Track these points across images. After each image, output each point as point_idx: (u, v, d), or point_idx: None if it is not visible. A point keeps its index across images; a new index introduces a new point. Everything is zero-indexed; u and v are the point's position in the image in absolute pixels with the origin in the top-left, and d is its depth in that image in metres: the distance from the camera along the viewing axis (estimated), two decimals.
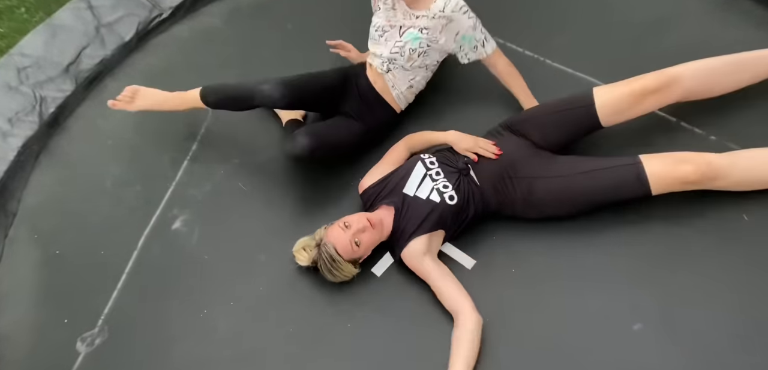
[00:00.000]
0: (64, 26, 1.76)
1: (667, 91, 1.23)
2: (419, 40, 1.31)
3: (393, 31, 1.33)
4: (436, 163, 1.26)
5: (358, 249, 1.19)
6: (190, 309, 1.28)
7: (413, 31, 1.31)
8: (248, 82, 1.36)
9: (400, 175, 1.26)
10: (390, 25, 1.33)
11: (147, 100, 1.45)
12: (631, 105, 1.23)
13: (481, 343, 1.12)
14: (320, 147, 1.30)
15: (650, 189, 1.15)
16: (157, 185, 1.48)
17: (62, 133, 1.63)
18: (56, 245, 1.41)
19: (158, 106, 1.46)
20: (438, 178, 1.23)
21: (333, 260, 1.18)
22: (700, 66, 1.25)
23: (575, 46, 1.52)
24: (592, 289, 1.17)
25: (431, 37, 1.31)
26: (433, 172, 1.24)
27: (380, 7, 1.36)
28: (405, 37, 1.32)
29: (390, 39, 1.34)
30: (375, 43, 1.38)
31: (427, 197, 1.22)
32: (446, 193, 1.21)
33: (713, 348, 1.07)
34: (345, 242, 1.17)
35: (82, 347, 1.25)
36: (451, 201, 1.21)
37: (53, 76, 1.68)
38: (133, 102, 1.45)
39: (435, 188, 1.22)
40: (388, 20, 1.34)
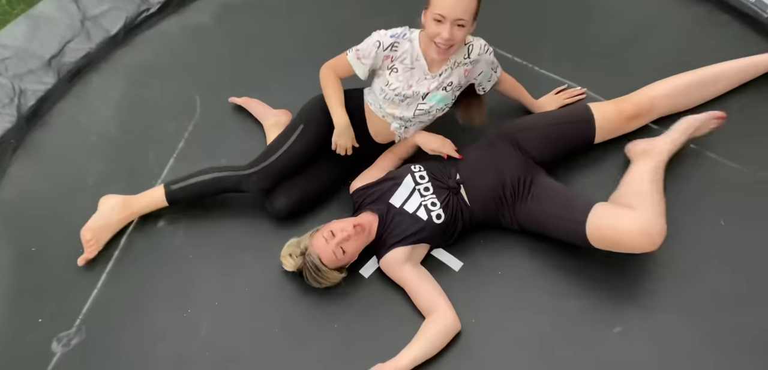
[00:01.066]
0: (48, 18, 1.72)
1: (646, 114, 1.35)
2: (446, 100, 1.24)
3: (414, 97, 1.22)
4: (426, 178, 1.24)
5: (344, 256, 1.18)
6: (172, 309, 1.25)
7: (437, 94, 1.22)
8: (226, 177, 1.28)
9: (389, 185, 1.26)
10: (411, 91, 1.21)
11: (108, 230, 1.28)
12: (620, 125, 1.33)
13: (468, 347, 1.13)
14: (300, 203, 1.29)
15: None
16: (142, 182, 1.45)
17: (42, 127, 1.59)
18: (32, 242, 1.37)
19: (125, 221, 1.30)
20: (426, 195, 1.22)
21: (318, 269, 1.18)
22: (672, 87, 1.36)
23: (561, 53, 1.56)
24: (574, 292, 1.19)
25: (456, 86, 1.24)
26: (423, 187, 1.23)
27: (397, 69, 1.20)
28: (429, 100, 1.22)
29: (412, 104, 1.23)
30: (391, 105, 1.25)
31: (414, 212, 1.21)
32: (434, 211, 1.20)
33: (691, 348, 1.10)
34: (329, 252, 1.17)
35: (57, 347, 1.21)
36: (437, 220, 1.20)
37: (34, 68, 1.63)
38: (97, 242, 1.27)
39: (423, 203, 1.21)
40: (408, 84, 1.21)
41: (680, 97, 1.35)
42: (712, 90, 1.37)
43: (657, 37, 1.55)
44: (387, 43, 1.20)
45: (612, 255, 1.22)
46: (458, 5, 1.11)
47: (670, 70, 1.40)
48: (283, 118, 1.49)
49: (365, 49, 1.22)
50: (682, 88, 1.35)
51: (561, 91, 1.45)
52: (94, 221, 1.29)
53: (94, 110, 1.62)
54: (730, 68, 1.37)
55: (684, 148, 1.32)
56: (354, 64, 1.24)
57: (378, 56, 1.21)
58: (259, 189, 1.29)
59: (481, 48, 1.24)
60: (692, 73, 1.36)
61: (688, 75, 1.36)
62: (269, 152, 1.30)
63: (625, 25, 1.59)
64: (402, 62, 1.21)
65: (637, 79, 1.39)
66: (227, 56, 1.69)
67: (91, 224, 1.28)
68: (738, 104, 1.38)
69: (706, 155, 1.33)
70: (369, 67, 1.23)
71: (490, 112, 1.39)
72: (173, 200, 1.30)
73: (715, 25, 1.55)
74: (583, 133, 1.28)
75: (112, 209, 1.29)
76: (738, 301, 1.14)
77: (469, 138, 1.35)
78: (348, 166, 1.33)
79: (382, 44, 1.21)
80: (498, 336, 1.15)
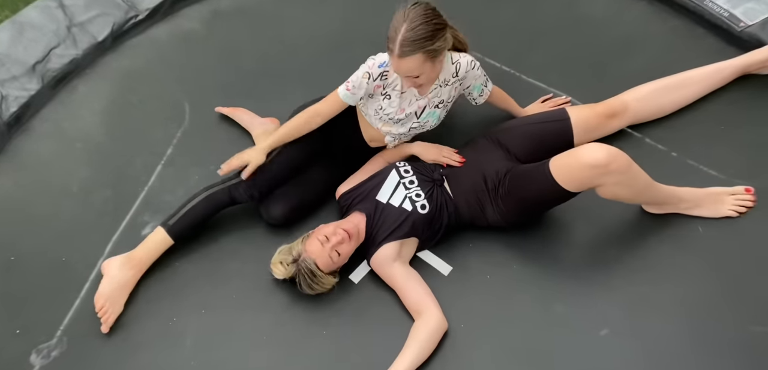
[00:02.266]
0: (32, 24, 1.70)
1: (621, 116, 1.40)
2: (439, 115, 1.27)
3: (409, 116, 1.25)
4: (410, 172, 1.27)
5: (339, 259, 1.18)
6: (158, 317, 1.23)
7: (430, 111, 1.25)
8: (217, 192, 1.26)
9: (375, 183, 1.27)
10: (405, 113, 1.25)
11: (124, 290, 1.21)
12: (597, 124, 1.37)
13: (457, 351, 1.14)
14: (296, 210, 1.30)
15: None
16: (128, 189, 1.43)
17: (24, 133, 1.56)
18: (12, 251, 1.33)
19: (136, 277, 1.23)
20: (411, 187, 1.24)
21: (313, 274, 1.17)
22: (645, 91, 1.42)
23: (548, 62, 1.60)
24: (561, 296, 1.21)
25: (448, 101, 1.27)
26: (407, 180, 1.25)
27: (390, 96, 1.22)
28: (423, 117, 1.26)
29: (406, 123, 1.26)
30: (386, 124, 1.27)
31: (400, 204, 1.22)
32: (418, 202, 1.22)
33: (675, 350, 1.12)
34: (325, 256, 1.16)
35: (36, 359, 1.18)
36: (422, 210, 1.22)
37: (17, 74, 1.61)
38: (113, 306, 1.20)
39: (408, 196, 1.23)
40: (401, 108, 1.24)
41: (652, 99, 1.40)
42: (683, 93, 1.43)
43: (639, 49, 1.60)
44: (376, 74, 1.21)
45: (598, 256, 1.24)
46: (401, 67, 1.12)
47: (648, 78, 1.44)
48: (271, 126, 1.49)
49: (356, 81, 1.22)
50: (653, 91, 1.41)
51: (547, 99, 1.49)
52: (105, 286, 1.21)
53: (79, 117, 1.59)
54: (699, 74, 1.44)
55: (663, 155, 1.36)
56: (346, 98, 1.24)
57: (369, 87, 1.22)
58: (249, 198, 1.28)
59: (467, 65, 1.25)
60: (664, 79, 1.43)
61: (660, 81, 1.43)
62: None
63: (609, 36, 1.64)
64: (394, 89, 1.23)
65: (619, 88, 1.44)
66: (216, 63, 1.69)
67: (102, 291, 1.21)
68: (717, 113, 1.43)
69: (687, 162, 1.37)
70: (361, 96, 1.24)
71: (478, 119, 1.42)
72: (177, 234, 1.25)
73: (692, 37, 1.61)
74: (561, 131, 1.31)
75: (120, 267, 1.22)
76: (719, 305, 1.16)
77: (455, 142, 1.37)
78: (342, 171, 1.33)
79: (371, 76, 1.21)
80: (486, 341, 1.16)
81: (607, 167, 1.09)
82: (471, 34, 1.29)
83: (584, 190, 1.15)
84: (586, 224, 1.28)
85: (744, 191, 1.25)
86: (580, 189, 1.14)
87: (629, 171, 1.12)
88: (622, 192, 1.16)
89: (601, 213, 1.28)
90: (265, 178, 1.27)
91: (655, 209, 1.27)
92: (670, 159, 1.37)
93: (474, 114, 1.42)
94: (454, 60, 1.24)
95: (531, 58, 1.61)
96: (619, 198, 1.17)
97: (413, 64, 1.12)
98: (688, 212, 1.26)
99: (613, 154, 1.10)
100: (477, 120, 1.43)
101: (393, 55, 1.12)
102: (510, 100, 1.42)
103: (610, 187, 1.13)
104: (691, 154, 1.37)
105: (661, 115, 1.42)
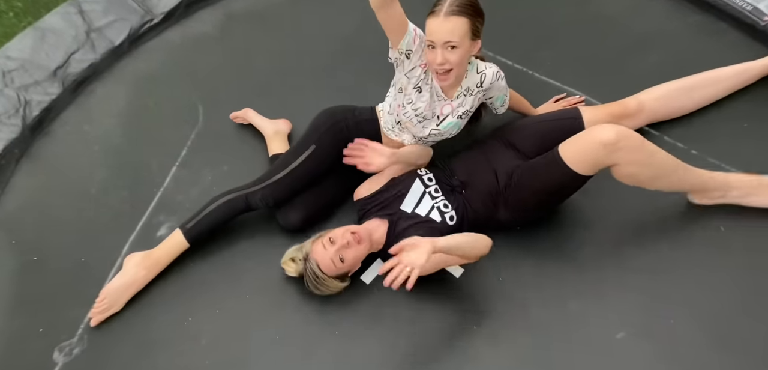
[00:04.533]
0: (54, 30, 1.75)
1: (636, 116, 1.36)
2: (459, 125, 1.25)
3: (432, 118, 1.23)
4: (434, 181, 1.25)
5: (343, 265, 1.17)
6: (174, 317, 1.25)
7: (451, 120, 1.23)
8: (234, 198, 1.26)
9: (397, 190, 1.25)
10: (431, 113, 1.22)
11: (132, 288, 1.23)
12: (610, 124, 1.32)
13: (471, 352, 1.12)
14: (313, 218, 1.30)
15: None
16: (144, 190, 1.46)
17: (46, 137, 1.60)
18: (34, 252, 1.37)
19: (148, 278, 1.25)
20: (437, 196, 1.22)
21: (316, 276, 1.17)
22: (663, 90, 1.37)
23: (561, 60, 1.57)
24: (576, 298, 1.19)
25: (470, 112, 1.25)
26: (433, 188, 1.23)
27: (422, 89, 1.18)
28: (443, 126, 1.23)
29: (427, 125, 1.24)
30: (408, 126, 1.25)
31: (427, 214, 1.21)
32: (447, 213, 1.20)
33: (695, 354, 1.09)
34: (328, 260, 1.16)
35: (59, 356, 1.21)
36: (451, 221, 1.20)
37: (40, 79, 1.65)
38: (110, 302, 1.22)
39: (435, 206, 1.21)
40: (430, 106, 1.21)
41: (671, 99, 1.35)
42: (703, 94, 1.37)
43: (656, 46, 1.56)
44: (421, 41, 1.15)
45: (613, 254, 1.21)
46: (444, 26, 1.08)
47: (668, 76, 1.40)
48: (283, 127, 1.50)
49: (421, 36, 1.13)
50: (673, 92, 1.35)
51: (560, 99, 1.46)
52: (115, 280, 1.24)
53: (97, 120, 1.63)
54: (722, 74, 1.38)
55: (683, 153, 1.32)
56: (411, 29, 1.12)
57: (419, 50, 1.14)
58: (265, 206, 1.29)
59: (493, 76, 1.23)
60: (684, 79, 1.37)
61: (680, 80, 1.37)
62: (277, 169, 1.30)
63: (624, 33, 1.60)
64: (426, 83, 1.20)
65: (635, 86, 1.40)
66: (230, 66, 1.71)
67: (111, 284, 1.23)
68: (739, 109, 1.39)
69: (707, 160, 1.33)
70: (409, 50, 1.14)
71: (488, 120, 1.40)
72: (193, 238, 1.26)
73: (713, 33, 1.56)
74: (572, 130, 1.27)
75: (136, 265, 1.25)
76: (738, 306, 1.13)
77: (465, 142, 1.35)
78: (359, 180, 1.32)
79: (422, 40, 1.14)
80: (500, 342, 1.15)
81: (617, 144, 1.06)
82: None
83: (596, 171, 1.11)
84: (600, 223, 1.26)
85: None
86: (592, 171, 1.11)
87: (642, 150, 1.08)
88: (640, 173, 1.11)
89: (616, 211, 1.25)
90: (281, 187, 1.28)
91: (701, 198, 1.20)
92: (690, 157, 1.33)
93: (485, 115, 1.40)
94: (480, 70, 1.22)
95: (543, 55, 1.58)
96: (639, 181, 1.12)
97: (458, 25, 1.08)
98: (739, 201, 1.17)
99: (624, 132, 1.07)
100: (488, 120, 1.40)
101: (439, 16, 1.08)
102: (523, 101, 1.40)
103: (625, 166, 1.09)
104: (713, 152, 1.33)
105: (680, 114, 1.38)
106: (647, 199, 1.25)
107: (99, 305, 1.23)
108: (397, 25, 1.12)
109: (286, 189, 1.28)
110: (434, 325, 1.18)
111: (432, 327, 1.18)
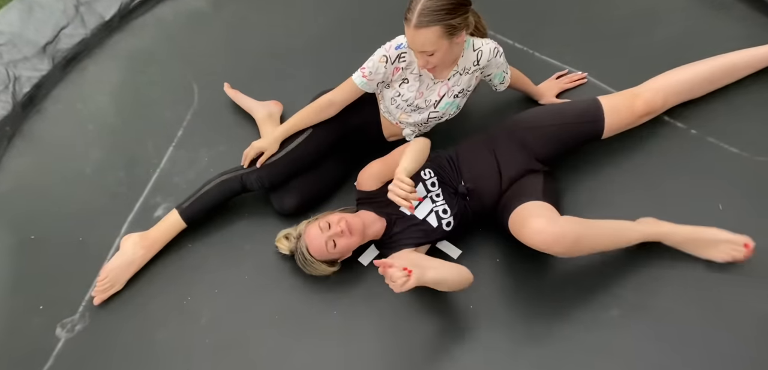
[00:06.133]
0: (42, 4, 1.70)
1: (658, 110, 1.31)
2: (457, 104, 1.21)
3: (427, 105, 1.21)
4: (436, 185, 1.21)
5: (334, 251, 1.17)
6: (173, 296, 1.26)
7: (448, 100, 1.20)
8: (230, 179, 1.25)
9: None
10: (424, 101, 1.20)
11: (130, 268, 1.24)
12: (630, 122, 1.29)
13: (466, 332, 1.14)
14: (309, 203, 1.29)
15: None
16: (140, 171, 1.45)
17: (38, 115, 1.58)
18: (32, 231, 1.37)
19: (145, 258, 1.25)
20: (438, 201, 1.19)
21: (304, 257, 1.18)
22: (684, 81, 1.31)
23: (563, 38, 1.53)
24: (573, 277, 1.20)
25: (467, 90, 1.21)
26: (434, 193, 1.20)
27: (408, 80, 1.17)
28: (441, 107, 1.20)
29: (424, 111, 1.22)
30: (404, 114, 1.24)
31: (424, 217, 1.19)
32: (445, 219, 1.18)
33: (690, 331, 1.11)
34: (320, 244, 1.15)
35: (61, 333, 1.23)
36: (447, 227, 1.18)
37: (29, 55, 1.62)
38: (112, 281, 1.23)
39: (434, 210, 1.19)
40: (419, 92, 1.19)
41: (692, 91, 1.32)
42: (723, 82, 1.34)
43: (660, 20, 1.51)
44: (394, 56, 1.16)
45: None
46: (416, 38, 1.06)
47: (675, 54, 1.37)
48: (274, 109, 1.47)
49: (372, 66, 1.17)
50: (695, 82, 1.31)
51: (561, 75, 1.43)
52: (114, 260, 1.25)
53: (90, 98, 1.61)
54: (740, 62, 1.33)
55: (683, 133, 1.30)
56: (363, 85, 1.19)
57: (387, 71, 1.17)
58: (260, 187, 1.29)
59: (490, 53, 1.18)
60: (704, 65, 1.32)
61: (701, 66, 1.31)
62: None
63: (627, 8, 1.55)
64: (412, 72, 1.18)
65: (639, 64, 1.37)
66: (224, 43, 1.67)
67: (110, 264, 1.24)
68: (742, 88, 1.36)
69: (706, 140, 1.32)
70: (378, 81, 1.19)
71: (494, 104, 1.37)
72: (190, 218, 1.27)
73: (720, 7, 1.50)
74: (591, 132, 1.24)
75: (134, 245, 1.25)
76: (735, 284, 1.14)
77: (471, 127, 1.33)
78: (356, 165, 1.31)
79: (389, 59, 1.16)
80: (495, 322, 1.17)
81: (551, 249, 1.04)
82: (480, 10, 1.23)
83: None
84: (597, 207, 1.26)
85: (743, 244, 1.10)
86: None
87: (579, 245, 1.05)
88: (575, 254, 1.08)
89: (614, 197, 1.26)
90: (277, 169, 1.27)
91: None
92: (689, 137, 1.31)
93: (490, 97, 1.38)
94: (476, 47, 1.18)
95: (545, 33, 1.54)
96: (574, 256, 1.11)
97: (429, 38, 1.06)
98: (672, 246, 1.16)
99: (558, 236, 1.02)
100: (493, 105, 1.39)
101: (409, 26, 1.06)
102: (525, 80, 1.36)
103: (562, 255, 1.07)
104: (712, 132, 1.31)
105: (697, 97, 1.33)
106: (645, 180, 1.25)
107: (101, 283, 1.24)
108: (354, 96, 1.21)
109: (283, 170, 1.28)
110: (432, 303, 1.20)
111: (430, 307, 1.20)
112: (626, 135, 1.32)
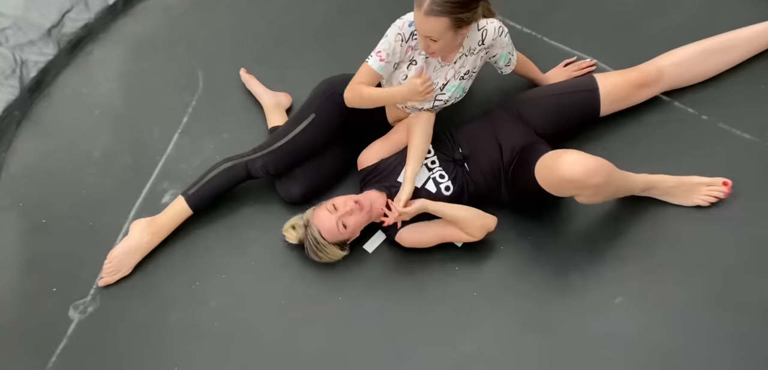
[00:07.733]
0: None
1: (654, 84, 1.29)
2: (464, 87, 1.21)
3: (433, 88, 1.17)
4: (432, 152, 1.24)
5: (345, 231, 1.19)
6: (182, 281, 1.29)
7: (455, 83, 1.19)
8: (235, 165, 1.25)
9: (397, 161, 1.25)
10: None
11: (138, 253, 1.25)
12: (627, 94, 1.27)
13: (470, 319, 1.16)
14: (315, 190, 1.30)
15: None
16: (147, 157, 1.46)
17: (45, 99, 1.59)
18: (42, 215, 1.40)
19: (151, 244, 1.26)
20: (434, 167, 1.21)
21: (317, 242, 1.19)
22: (683, 55, 1.30)
23: (572, 23, 1.51)
24: (576, 264, 1.21)
25: (473, 72, 1.21)
26: (430, 161, 1.23)
27: (417, 61, 1.16)
28: (448, 91, 1.20)
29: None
30: None
31: (423, 185, 1.21)
32: (443, 183, 1.20)
33: (694, 318, 1.12)
34: (331, 225, 1.17)
35: (74, 314, 1.27)
36: (446, 192, 1.20)
37: (34, 39, 1.61)
38: (118, 266, 1.25)
39: (431, 177, 1.21)
40: (427, 74, 1.17)
41: (691, 66, 1.29)
42: (726, 58, 1.31)
43: (669, 5, 1.48)
44: (408, 33, 1.13)
45: (613, 227, 1.21)
46: (424, 24, 1.06)
47: (683, 39, 1.34)
48: (283, 100, 1.47)
49: (387, 47, 1.14)
50: (693, 57, 1.29)
51: (570, 63, 1.41)
52: (122, 245, 1.27)
53: (96, 83, 1.61)
54: (740, 37, 1.30)
55: (694, 119, 1.28)
56: (381, 68, 1.16)
57: (402, 50, 1.15)
58: (265, 174, 1.29)
59: (495, 31, 1.17)
60: (704, 42, 1.30)
61: (700, 43, 1.30)
62: (277, 137, 1.29)
63: None
64: (420, 54, 1.16)
65: (648, 49, 1.34)
66: (228, 28, 1.66)
67: (118, 249, 1.26)
68: (755, 73, 1.33)
69: (718, 126, 1.30)
70: (396, 62, 1.17)
71: (498, 87, 1.36)
72: (196, 205, 1.28)
73: None
74: (587, 103, 1.23)
75: (141, 231, 1.27)
76: (740, 272, 1.14)
77: (474, 110, 1.33)
78: (359, 152, 1.32)
79: (403, 36, 1.13)
80: (499, 309, 1.18)
81: (585, 182, 1.05)
82: None
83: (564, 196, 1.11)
84: None
85: (721, 183, 1.17)
86: (559, 195, 1.10)
87: (607, 184, 1.07)
88: (598, 198, 1.11)
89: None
90: (281, 155, 1.28)
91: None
92: (700, 123, 1.29)
93: (494, 81, 1.37)
94: (481, 26, 1.17)
95: (553, 18, 1.52)
96: (594, 202, 1.13)
97: (437, 27, 1.06)
98: (660, 197, 1.19)
99: (592, 169, 1.03)
100: (497, 88, 1.37)
101: (420, 10, 1.05)
102: (532, 66, 1.35)
103: (587, 197, 1.09)
104: (724, 118, 1.29)
105: (699, 81, 1.31)
106: (655, 166, 1.23)
107: (107, 267, 1.27)
108: (374, 82, 1.18)
109: (287, 157, 1.28)
110: (436, 291, 1.21)
111: (434, 293, 1.21)
112: (635, 120, 1.31)
